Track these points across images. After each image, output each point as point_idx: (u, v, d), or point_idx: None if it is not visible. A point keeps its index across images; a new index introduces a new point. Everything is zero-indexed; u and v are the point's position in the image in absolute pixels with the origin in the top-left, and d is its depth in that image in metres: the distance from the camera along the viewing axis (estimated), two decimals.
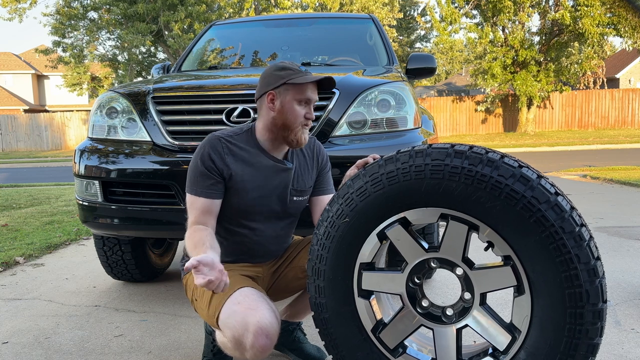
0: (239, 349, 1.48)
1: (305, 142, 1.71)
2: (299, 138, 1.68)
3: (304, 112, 1.67)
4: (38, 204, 6.44)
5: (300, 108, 1.67)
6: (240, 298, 1.53)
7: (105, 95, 2.53)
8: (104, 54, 19.94)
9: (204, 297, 1.64)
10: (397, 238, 1.43)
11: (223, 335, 1.54)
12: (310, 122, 1.71)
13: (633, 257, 3.34)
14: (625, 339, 2.10)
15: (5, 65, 36.46)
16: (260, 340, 1.43)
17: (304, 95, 1.66)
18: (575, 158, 11.98)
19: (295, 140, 1.69)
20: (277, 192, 1.74)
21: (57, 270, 3.44)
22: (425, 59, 3.31)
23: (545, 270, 1.25)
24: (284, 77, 1.65)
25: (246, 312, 1.47)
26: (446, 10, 18.44)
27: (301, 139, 1.69)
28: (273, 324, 1.46)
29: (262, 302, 1.51)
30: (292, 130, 1.67)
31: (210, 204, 1.65)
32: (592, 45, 18.42)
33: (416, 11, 34.93)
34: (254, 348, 1.44)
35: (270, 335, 1.44)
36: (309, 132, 1.73)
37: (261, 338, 1.43)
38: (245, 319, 1.45)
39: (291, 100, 1.65)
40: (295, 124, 1.66)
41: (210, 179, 1.64)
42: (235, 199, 1.69)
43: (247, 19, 4.75)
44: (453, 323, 1.43)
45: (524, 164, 1.28)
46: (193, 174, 1.67)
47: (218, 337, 1.62)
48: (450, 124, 22.71)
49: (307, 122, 1.69)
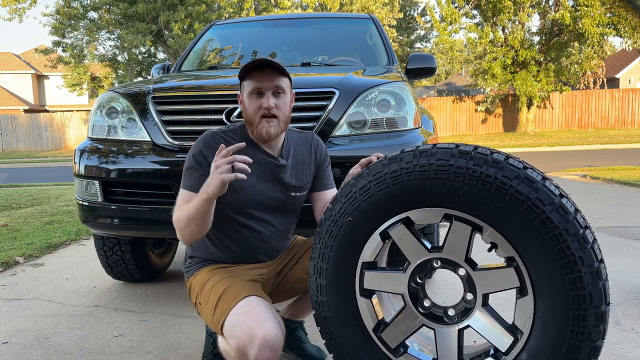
0: (242, 359, 1.47)
1: (272, 135, 1.64)
2: (260, 131, 1.63)
3: (259, 104, 1.61)
4: (38, 204, 6.44)
5: (255, 100, 1.62)
6: (247, 307, 1.51)
7: (105, 95, 2.52)
8: (104, 54, 19.94)
9: (209, 302, 1.62)
10: (400, 238, 1.42)
11: (227, 343, 1.53)
12: (272, 111, 1.61)
13: (633, 257, 3.34)
14: (625, 339, 2.09)
15: (5, 65, 36.44)
16: (265, 353, 1.41)
17: (253, 87, 1.62)
18: (575, 158, 11.98)
19: (259, 135, 1.64)
20: (273, 188, 1.72)
21: (57, 270, 3.44)
22: (425, 59, 3.31)
23: (548, 272, 1.24)
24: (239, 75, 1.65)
25: (253, 323, 1.46)
26: (446, 10, 18.44)
27: (264, 132, 1.63)
28: (279, 336, 1.45)
29: (268, 313, 1.50)
30: (253, 124, 1.64)
31: None
32: (592, 45, 18.43)
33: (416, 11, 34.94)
34: None
35: (275, 349, 1.43)
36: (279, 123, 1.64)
37: (266, 351, 1.41)
38: (252, 331, 1.44)
39: (246, 95, 1.64)
40: (255, 118, 1.63)
41: (201, 174, 1.62)
42: (230, 194, 1.67)
43: (247, 19, 4.75)
44: (455, 323, 1.42)
45: (529, 165, 1.28)
46: (186, 170, 1.66)
47: (220, 344, 1.61)
48: (450, 124, 22.71)
49: (267, 113, 1.61)
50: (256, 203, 1.71)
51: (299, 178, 1.78)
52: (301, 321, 2.01)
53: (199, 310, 1.71)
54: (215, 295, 1.61)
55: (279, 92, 1.64)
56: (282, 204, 1.76)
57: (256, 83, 1.62)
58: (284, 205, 1.77)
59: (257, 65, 1.61)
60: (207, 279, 1.69)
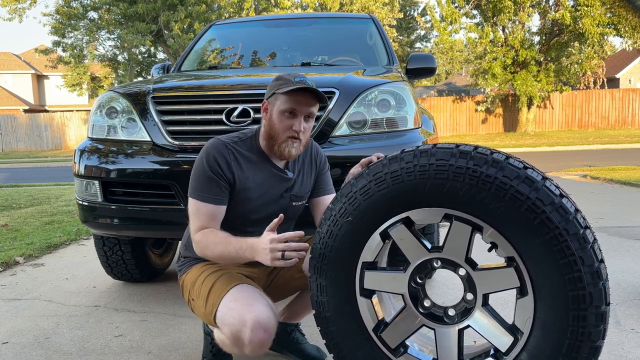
0: (237, 345, 1.49)
1: (292, 156, 1.66)
2: (282, 150, 1.63)
3: (290, 124, 1.61)
4: (38, 204, 6.43)
5: (286, 119, 1.61)
6: (237, 294, 1.55)
7: (105, 95, 2.52)
8: (104, 54, 19.92)
9: (200, 296, 1.64)
10: (400, 238, 1.42)
11: (221, 332, 1.55)
12: (299, 135, 1.63)
13: (633, 257, 3.34)
14: (625, 339, 2.09)
15: (5, 65, 36.43)
16: (258, 335, 1.44)
17: (288, 106, 1.60)
18: (575, 158, 11.98)
19: (279, 152, 1.65)
20: (277, 200, 1.73)
21: (57, 270, 3.44)
22: (425, 59, 3.31)
23: (548, 272, 1.24)
24: (275, 87, 1.63)
25: (243, 308, 1.49)
26: (446, 10, 18.44)
27: (285, 152, 1.64)
28: (270, 317, 1.48)
29: (258, 297, 1.53)
30: (276, 141, 1.63)
31: (217, 210, 1.64)
32: (592, 45, 18.42)
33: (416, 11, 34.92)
34: (252, 343, 1.46)
35: (268, 329, 1.46)
36: (300, 146, 1.66)
37: (259, 332, 1.45)
38: (243, 315, 1.47)
39: (277, 110, 1.62)
40: (280, 135, 1.62)
41: (217, 184, 1.62)
42: (238, 206, 1.68)
43: (247, 19, 4.75)
44: (455, 323, 1.42)
45: (529, 165, 1.28)
46: (199, 179, 1.63)
47: (216, 335, 1.62)
48: (450, 124, 22.70)
49: (295, 135, 1.62)
50: (260, 213, 1.72)
51: (301, 188, 1.79)
52: (297, 323, 2.01)
53: (193, 306, 1.72)
54: (207, 288, 1.63)
55: (310, 117, 1.66)
56: (283, 213, 1.76)
57: (293, 104, 1.61)
58: (285, 214, 1.77)
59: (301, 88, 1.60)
60: (199, 274, 1.71)
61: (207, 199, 1.62)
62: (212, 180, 1.62)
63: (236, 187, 1.65)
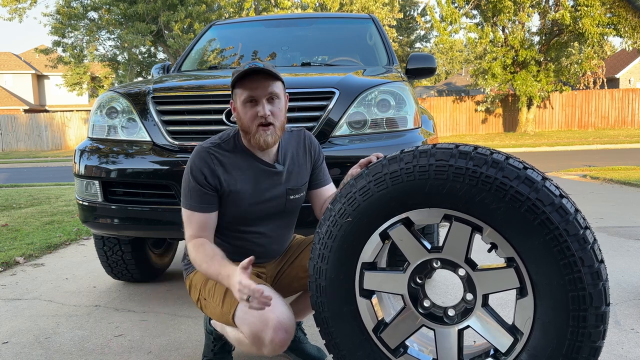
0: (257, 344, 1.50)
1: (270, 144, 1.61)
2: (258, 141, 1.60)
3: (254, 112, 1.56)
4: (38, 204, 6.43)
5: (249, 109, 1.58)
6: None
7: (105, 95, 2.52)
8: (104, 54, 19.92)
9: (215, 296, 1.64)
10: (399, 238, 1.42)
11: (240, 331, 1.55)
12: (269, 119, 1.57)
13: (633, 257, 3.34)
14: (625, 339, 2.09)
15: (5, 65, 36.43)
16: (280, 335, 1.46)
17: (246, 94, 1.57)
18: (575, 158, 11.98)
19: (256, 144, 1.61)
20: (272, 196, 1.72)
21: (57, 270, 3.44)
22: (425, 59, 3.31)
23: (548, 273, 1.24)
24: (230, 82, 1.62)
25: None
26: (446, 10, 18.43)
27: (261, 141, 1.59)
28: (291, 319, 1.50)
29: (277, 298, 1.52)
30: (249, 133, 1.61)
31: (207, 217, 1.65)
32: (592, 45, 18.42)
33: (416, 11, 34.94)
34: (273, 343, 1.47)
35: (289, 330, 1.48)
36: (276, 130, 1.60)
37: (281, 333, 1.46)
38: (264, 315, 1.46)
39: (239, 104, 1.60)
40: (251, 127, 1.59)
41: (203, 193, 1.62)
42: (232, 208, 1.68)
43: (247, 19, 4.74)
44: (455, 324, 1.42)
45: (529, 166, 1.28)
46: (186, 190, 1.65)
47: (231, 334, 1.63)
48: (450, 124, 22.71)
49: (263, 121, 1.56)
50: (256, 212, 1.72)
51: (297, 180, 1.77)
52: (299, 322, 2.01)
53: (203, 306, 1.72)
54: (222, 287, 1.62)
55: (274, 98, 1.60)
56: (281, 209, 1.76)
57: (249, 91, 1.57)
58: (284, 209, 1.77)
59: (249, 72, 1.56)
60: None
61: (196, 207, 1.63)
62: (198, 190, 1.62)
63: (224, 190, 1.65)
